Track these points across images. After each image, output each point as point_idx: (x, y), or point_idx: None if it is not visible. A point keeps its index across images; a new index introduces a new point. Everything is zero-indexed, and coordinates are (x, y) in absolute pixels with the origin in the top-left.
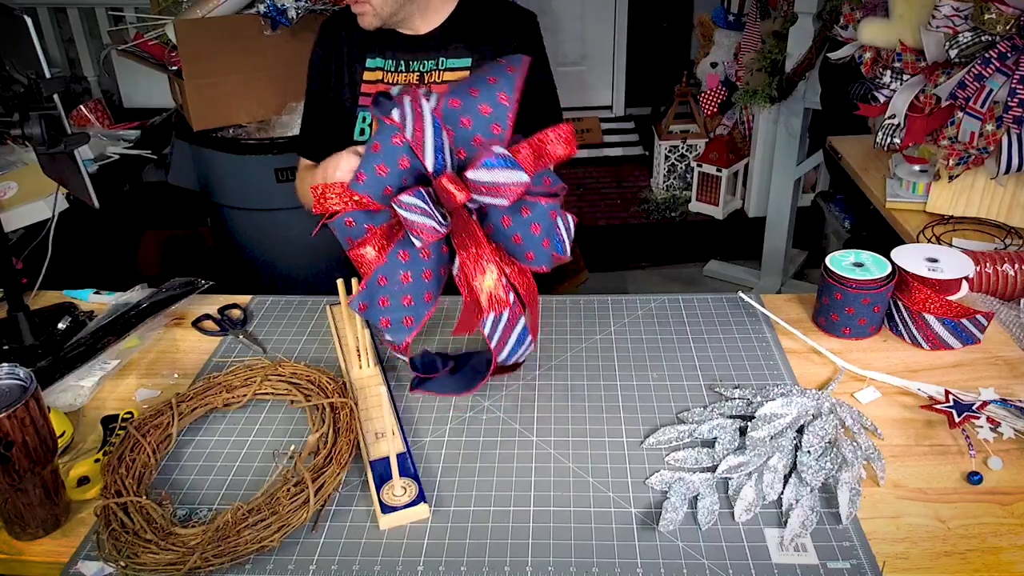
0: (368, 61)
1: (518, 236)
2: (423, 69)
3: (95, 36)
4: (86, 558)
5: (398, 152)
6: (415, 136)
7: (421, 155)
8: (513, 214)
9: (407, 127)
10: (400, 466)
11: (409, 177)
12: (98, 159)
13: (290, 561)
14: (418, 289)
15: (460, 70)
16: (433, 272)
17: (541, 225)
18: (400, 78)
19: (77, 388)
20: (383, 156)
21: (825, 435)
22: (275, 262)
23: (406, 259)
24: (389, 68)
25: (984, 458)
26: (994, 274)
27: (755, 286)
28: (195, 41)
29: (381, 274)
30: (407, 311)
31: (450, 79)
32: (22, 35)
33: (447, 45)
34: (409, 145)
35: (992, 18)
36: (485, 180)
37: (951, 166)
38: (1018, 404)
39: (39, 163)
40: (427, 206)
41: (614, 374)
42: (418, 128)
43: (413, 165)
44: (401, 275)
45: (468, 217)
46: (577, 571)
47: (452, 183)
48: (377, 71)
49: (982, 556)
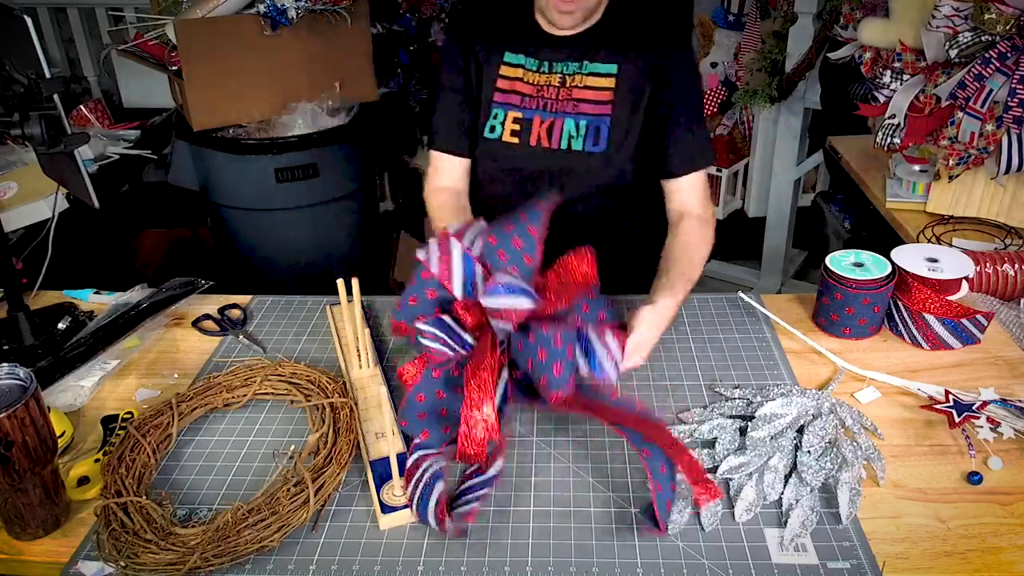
0: (508, 55)
1: (530, 361)
2: (566, 72)
3: (95, 36)
4: (86, 558)
5: (426, 285)
6: (441, 271)
7: (448, 287)
8: (523, 339)
9: (433, 263)
10: (400, 466)
11: (440, 305)
12: (98, 159)
13: (290, 561)
14: (452, 402)
15: (605, 76)
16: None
17: (547, 351)
18: (541, 79)
19: (77, 388)
20: (415, 289)
21: (825, 435)
22: (275, 262)
23: (438, 377)
24: (531, 67)
25: (984, 458)
26: (994, 274)
27: (755, 286)
28: (195, 41)
29: (418, 392)
30: (444, 420)
31: (593, 84)
32: (22, 35)
33: (594, 48)
34: (436, 279)
35: (992, 18)
36: (491, 305)
37: (951, 166)
38: (1018, 404)
39: (39, 163)
40: (440, 332)
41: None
42: (444, 263)
43: (441, 295)
44: (436, 391)
45: (485, 345)
46: (577, 571)
47: (463, 309)
48: (517, 68)
49: (982, 556)
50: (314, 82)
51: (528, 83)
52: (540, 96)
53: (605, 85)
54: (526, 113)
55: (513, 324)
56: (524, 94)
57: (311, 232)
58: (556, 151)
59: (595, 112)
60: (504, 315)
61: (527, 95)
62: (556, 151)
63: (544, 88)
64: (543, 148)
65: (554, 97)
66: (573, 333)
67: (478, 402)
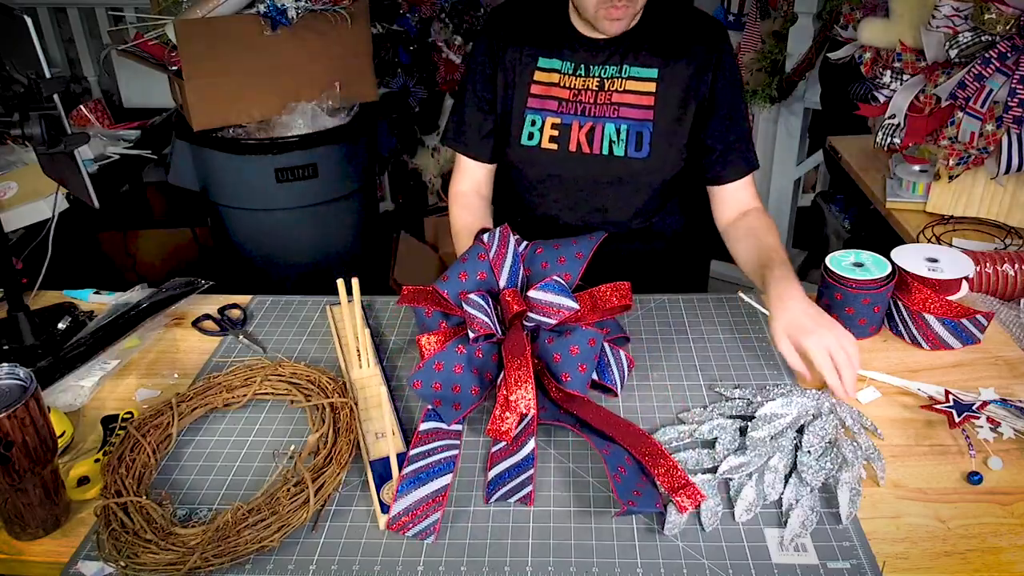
0: (542, 60)
1: (557, 355)
2: (604, 75)
3: (95, 36)
4: (86, 558)
5: (480, 266)
6: (496, 258)
7: (497, 274)
8: (556, 335)
9: (492, 249)
10: (400, 466)
11: (483, 288)
12: (98, 159)
13: (290, 561)
14: (467, 381)
15: (645, 80)
16: (480, 371)
17: (579, 348)
18: (578, 82)
19: (77, 388)
20: (468, 266)
21: (825, 435)
22: (275, 262)
23: (461, 352)
24: (567, 71)
25: (984, 458)
26: (994, 274)
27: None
28: (195, 41)
29: (439, 360)
30: (455, 397)
31: (633, 89)
32: (22, 35)
33: (633, 51)
34: (490, 264)
35: (992, 18)
36: (540, 299)
37: (951, 166)
38: (1018, 404)
39: (39, 163)
40: (488, 307)
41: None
42: (500, 253)
43: (488, 280)
44: (455, 365)
45: (521, 333)
46: (577, 571)
47: (512, 297)
48: (553, 73)
49: (982, 556)
50: (314, 82)
51: (565, 87)
52: (578, 100)
53: (646, 89)
54: (564, 118)
55: (555, 321)
56: (561, 99)
57: (311, 232)
58: (597, 156)
59: (637, 117)
60: (549, 311)
61: (564, 100)
62: (597, 156)
63: (582, 92)
64: (583, 153)
65: (592, 101)
66: (602, 341)
67: (521, 380)
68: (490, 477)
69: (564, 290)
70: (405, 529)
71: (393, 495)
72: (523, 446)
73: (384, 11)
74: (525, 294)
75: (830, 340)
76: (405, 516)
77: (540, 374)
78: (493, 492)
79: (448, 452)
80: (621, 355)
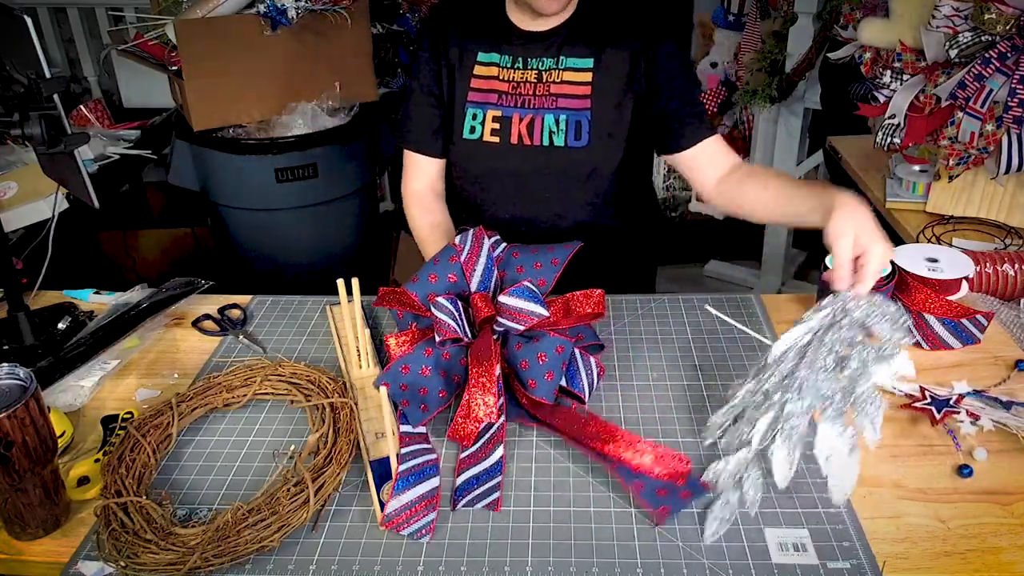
0: (481, 55)
1: (525, 362)
2: (542, 67)
3: (95, 36)
4: (86, 558)
5: (451, 269)
6: (468, 261)
7: (469, 277)
8: (525, 341)
9: (464, 251)
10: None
11: (453, 291)
12: (98, 159)
13: (290, 561)
14: (434, 384)
15: (581, 70)
16: (448, 373)
17: (547, 355)
18: (517, 75)
19: (77, 388)
20: (438, 268)
21: (833, 348)
22: (275, 262)
23: (429, 355)
24: (506, 64)
25: (969, 450)
26: (994, 274)
27: (755, 286)
28: (195, 41)
29: (405, 363)
30: (422, 399)
31: (570, 79)
32: (22, 35)
33: (569, 43)
34: (461, 266)
35: (992, 18)
36: (510, 304)
37: (951, 166)
38: (991, 395)
39: (39, 163)
40: (456, 311)
41: (614, 374)
42: (473, 256)
43: (459, 283)
44: (422, 367)
45: (489, 338)
46: (577, 571)
47: (482, 301)
48: (492, 67)
49: (982, 556)
50: (314, 82)
51: (504, 80)
52: (517, 93)
53: (582, 79)
54: (505, 111)
55: (524, 327)
56: (501, 92)
57: (311, 232)
58: (538, 148)
59: (575, 107)
60: (518, 317)
61: (504, 92)
62: (538, 148)
63: (520, 85)
64: (524, 146)
65: (531, 93)
66: (571, 349)
67: (485, 387)
68: (458, 483)
69: (535, 296)
70: (400, 528)
71: (389, 494)
72: (491, 453)
73: (384, 11)
74: (496, 298)
75: (888, 256)
76: (398, 516)
77: (509, 379)
78: (460, 498)
79: (427, 456)
80: (591, 362)
